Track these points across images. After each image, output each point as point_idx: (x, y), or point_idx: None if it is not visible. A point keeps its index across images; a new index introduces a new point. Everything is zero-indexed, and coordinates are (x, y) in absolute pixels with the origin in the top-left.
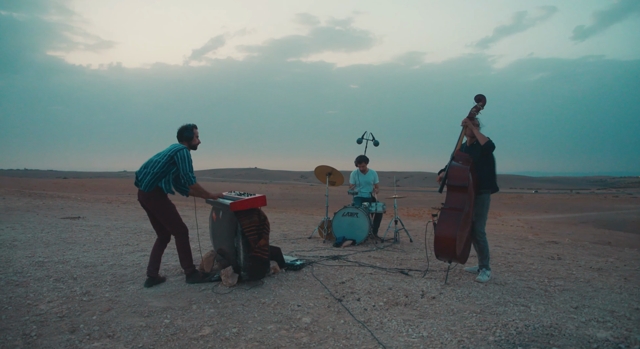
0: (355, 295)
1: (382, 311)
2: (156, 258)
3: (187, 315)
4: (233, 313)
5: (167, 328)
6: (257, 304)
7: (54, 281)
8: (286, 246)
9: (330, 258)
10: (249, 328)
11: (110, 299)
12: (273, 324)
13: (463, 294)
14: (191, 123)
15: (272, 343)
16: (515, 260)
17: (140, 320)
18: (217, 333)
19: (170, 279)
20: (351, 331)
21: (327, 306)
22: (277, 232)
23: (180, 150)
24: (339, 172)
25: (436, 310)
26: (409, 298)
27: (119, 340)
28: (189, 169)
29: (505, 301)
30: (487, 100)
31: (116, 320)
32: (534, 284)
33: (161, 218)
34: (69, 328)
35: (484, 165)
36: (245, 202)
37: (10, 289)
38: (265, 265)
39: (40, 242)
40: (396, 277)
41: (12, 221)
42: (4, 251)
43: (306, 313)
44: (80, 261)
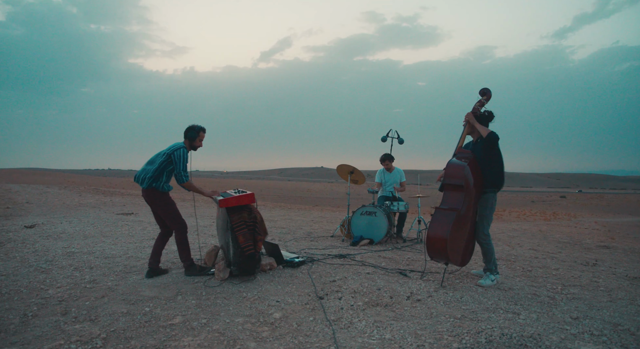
0: (339, 294)
1: (357, 311)
2: (157, 251)
3: (168, 305)
4: (211, 305)
5: (144, 316)
6: (238, 298)
7: (73, 269)
8: (302, 244)
9: (337, 256)
10: (218, 320)
11: (110, 287)
12: (243, 317)
13: (453, 298)
14: (200, 126)
15: (232, 335)
16: (540, 264)
17: (124, 307)
18: (186, 322)
19: (173, 271)
20: (314, 329)
21: (305, 303)
22: (306, 230)
23: (178, 149)
24: (360, 171)
25: (414, 313)
26: (394, 299)
27: (97, 323)
28: (182, 168)
29: (496, 308)
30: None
31: (104, 306)
32: (543, 291)
33: (161, 213)
34: (62, 310)
35: (489, 161)
36: (233, 199)
37: (34, 275)
38: (255, 261)
39: (82, 235)
40: (393, 278)
41: (74, 215)
42: (48, 242)
43: (280, 309)
44: (105, 252)
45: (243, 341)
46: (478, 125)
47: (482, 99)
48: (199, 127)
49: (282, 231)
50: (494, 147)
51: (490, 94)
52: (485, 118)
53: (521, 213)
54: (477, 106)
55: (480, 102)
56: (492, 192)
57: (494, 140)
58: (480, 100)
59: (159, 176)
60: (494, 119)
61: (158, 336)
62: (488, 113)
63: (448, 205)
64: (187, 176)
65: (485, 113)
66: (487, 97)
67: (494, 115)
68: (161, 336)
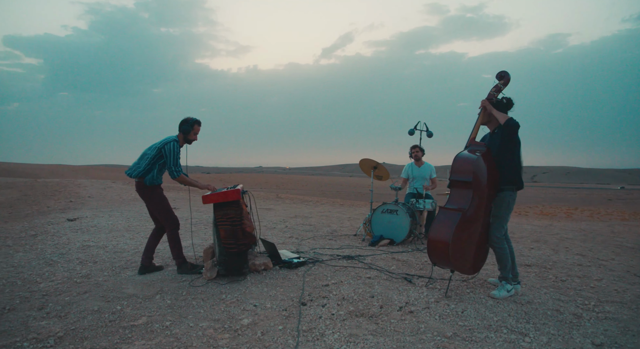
0: (325, 300)
1: (335, 322)
2: (150, 247)
3: (141, 304)
4: (184, 306)
5: (112, 314)
6: (215, 300)
7: (78, 263)
8: (319, 242)
9: (344, 257)
10: (182, 324)
11: (98, 283)
12: (209, 322)
13: (453, 312)
14: (195, 118)
15: (187, 341)
16: (580, 273)
17: (98, 304)
18: (148, 324)
19: (169, 269)
20: (277, 340)
21: (284, 309)
22: (333, 227)
23: (169, 143)
24: (383, 167)
25: (399, 327)
26: (383, 309)
27: (63, 320)
28: (173, 163)
29: (501, 326)
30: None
31: (80, 302)
32: (570, 306)
33: (152, 208)
34: (40, 305)
35: (506, 154)
36: (216, 195)
37: (39, 267)
38: (241, 260)
39: (109, 229)
40: (395, 284)
41: (120, 210)
42: (74, 235)
43: (253, 315)
44: (117, 247)
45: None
46: (495, 112)
47: (499, 84)
48: (193, 119)
49: (307, 228)
50: (513, 135)
51: (508, 78)
52: (503, 105)
53: (595, 211)
54: (493, 91)
55: (496, 87)
56: (510, 190)
57: (514, 127)
58: (497, 84)
59: (150, 170)
60: (514, 107)
61: (113, 338)
62: (507, 101)
63: (453, 204)
64: (179, 170)
65: (503, 100)
66: (504, 82)
67: (513, 103)
68: (116, 337)
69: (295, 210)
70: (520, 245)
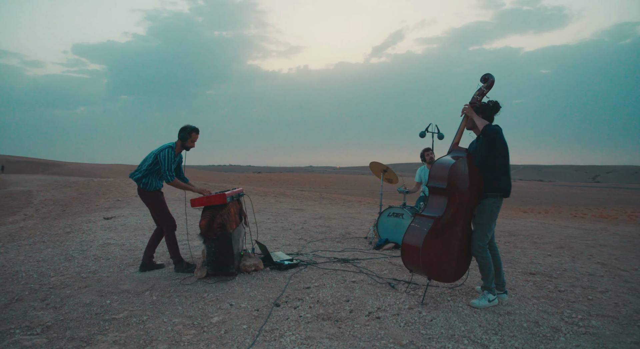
0: (299, 302)
1: (300, 324)
2: (151, 246)
3: (129, 299)
4: (166, 302)
5: (100, 308)
6: (196, 298)
7: (92, 259)
8: (325, 244)
9: (339, 260)
10: (157, 319)
11: (100, 278)
12: (182, 318)
13: (422, 319)
14: (192, 126)
15: (154, 335)
16: (585, 284)
17: (92, 298)
18: (127, 318)
19: (170, 267)
20: (236, 339)
21: (256, 309)
22: (348, 230)
23: (164, 150)
24: (392, 171)
25: (359, 333)
26: (353, 313)
27: (57, 311)
28: (166, 168)
29: (464, 336)
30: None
31: (78, 296)
32: (552, 320)
33: (150, 210)
34: (43, 297)
35: (489, 161)
36: (202, 199)
37: (58, 262)
38: (228, 261)
39: (133, 228)
40: (377, 288)
41: None
42: (102, 233)
43: (226, 313)
44: (133, 245)
45: (158, 343)
46: (476, 118)
47: (482, 87)
48: (190, 127)
49: (323, 230)
50: (493, 142)
51: (492, 81)
52: (489, 109)
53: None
54: (477, 95)
55: (480, 91)
56: (494, 197)
57: (491, 133)
58: (481, 88)
59: (148, 175)
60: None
61: (92, 329)
62: (493, 104)
63: (428, 210)
64: (173, 175)
65: (489, 103)
66: (487, 85)
67: (500, 106)
68: (95, 329)
69: (324, 211)
70: (539, 251)
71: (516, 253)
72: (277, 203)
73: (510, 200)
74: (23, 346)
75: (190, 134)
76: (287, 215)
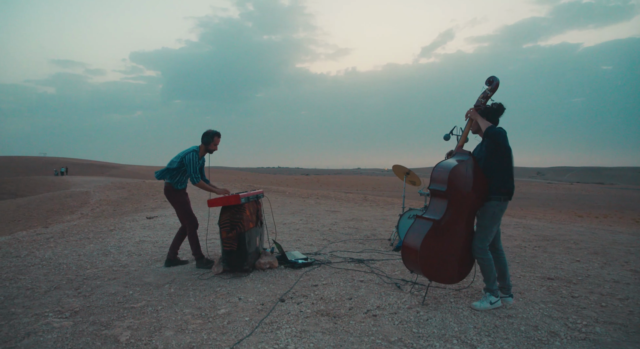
0: (303, 299)
1: (299, 318)
2: (175, 244)
3: (149, 291)
4: (182, 295)
5: (123, 297)
6: (209, 292)
7: (126, 255)
8: (347, 245)
9: (353, 260)
10: (170, 309)
11: (128, 271)
12: (192, 309)
13: (418, 319)
14: (214, 131)
15: (164, 322)
16: (606, 291)
17: (118, 288)
18: (144, 307)
19: (193, 263)
20: (236, 329)
21: (262, 303)
22: (375, 231)
23: (189, 153)
24: (415, 174)
25: (353, 329)
26: (352, 310)
27: (86, 299)
28: (193, 171)
29: (455, 336)
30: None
31: (106, 286)
32: (553, 325)
33: (175, 209)
34: (76, 286)
35: (492, 163)
36: (218, 200)
37: (96, 256)
38: (240, 258)
39: (170, 227)
40: (382, 288)
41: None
42: (141, 232)
43: (233, 306)
44: (165, 243)
45: (165, 329)
46: (480, 120)
47: (487, 90)
48: (213, 132)
49: (349, 231)
50: (496, 144)
51: (497, 83)
52: (493, 111)
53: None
54: (481, 98)
55: (484, 94)
56: (497, 200)
57: (493, 135)
58: (485, 91)
59: (175, 176)
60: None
61: (112, 315)
62: (497, 106)
63: (428, 213)
64: (199, 177)
65: (493, 106)
66: (492, 87)
67: (504, 108)
68: (115, 315)
69: (360, 213)
70: (569, 256)
71: (542, 258)
72: (316, 205)
73: (565, 204)
74: (53, 327)
75: (213, 138)
76: (321, 216)
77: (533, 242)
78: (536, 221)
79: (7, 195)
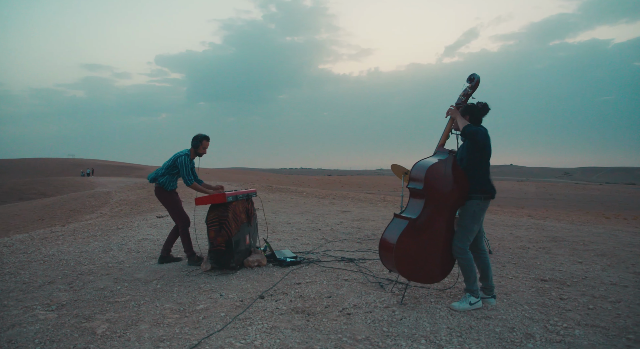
0: (283, 296)
1: (274, 315)
2: (169, 241)
3: (136, 286)
4: (166, 291)
5: (110, 292)
6: (193, 288)
7: (125, 252)
8: (342, 245)
9: (346, 259)
10: (152, 304)
11: (122, 268)
12: (173, 304)
13: (391, 318)
14: (203, 135)
15: (143, 316)
16: (599, 294)
17: (107, 284)
18: (128, 301)
19: (185, 261)
20: (208, 324)
21: (241, 300)
22: (376, 232)
23: (181, 156)
24: None
25: (321, 326)
26: (328, 308)
27: (75, 293)
28: (186, 173)
29: (424, 337)
30: None
31: (97, 281)
32: (532, 327)
33: (167, 209)
34: (70, 281)
35: (472, 162)
36: (205, 198)
37: (96, 253)
38: (227, 256)
39: None
40: (365, 287)
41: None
42: (145, 230)
43: (213, 302)
44: None
45: (142, 323)
46: (459, 118)
47: (467, 88)
48: (201, 136)
49: (351, 231)
50: (474, 142)
51: (477, 81)
52: (477, 111)
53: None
54: (462, 96)
55: (464, 92)
56: (478, 199)
57: (469, 134)
58: (465, 89)
59: (166, 175)
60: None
61: (96, 308)
62: (482, 106)
63: (406, 212)
64: (192, 179)
65: (478, 104)
66: (472, 85)
67: (489, 108)
68: (98, 308)
69: (369, 214)
70: (573, 257)
71: (542, 259)
72: (329, 206)
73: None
74: (38, 319)
75: (202, 141)
76: (329, 216)
77: (539, 243)
78: (555, 223)
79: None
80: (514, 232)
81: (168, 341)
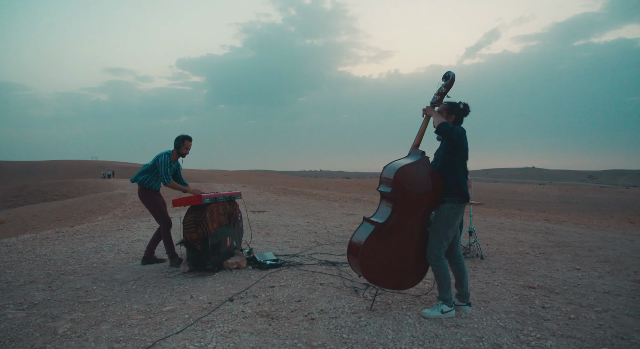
0: (252, 299)
1: (238, 318)
2: (152, 242)
3: (112, 287)
4: (140, 291)
5: (85, 292)
6: (167, 289)
7: (115, 253)
8: (336, 247)
9: (328, 263)
10: (121, 304)
11: (104, 269)
12: (141, 305)
13: (355, 325)
14: (185, 135)
15: (108, 317)
16: (587, 302)
17: (84, 284)
18: (99, 302)
19: (167, 262)
20: (169, 326)
21: (209, 302)
22: None
23: (161, 156)
24: None
25: (281, 331)
26: (293, 313)
27: (50, 293)
28: (163, 172)
29: (382, 344)
30: None
31: (76, 281)
32: (502, 337)
33: (149, 210)
34: (50, 281)
35: (446, 163)
36: (182, 200)
37: (87, 254)
38: (202, 258)
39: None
40: (338, 292)
41: None
42: (142, 232)
43: (182, 303)
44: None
45: (104, 323)
46: (435, 116)
47: (442, 86)
48: (183, 136)
49: (347, 234)
50: (449, 140)
51: (452, 79)
52: (460, 111)
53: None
54: (436, 95)
55: (439, 90)
56: (452, 202)
57: (446, 132)
58: (440, 87)
59: (147, 174)
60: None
61: (65, 308)
62: (464, 106)
63: (374, 216)
64: (169, 178)
65: (460, 104)
66: (447, 83)
67: (469, 109)
68: (68, 308)
69: None
70: (571, 264)
71: (538, 265)
72: (338, 208)
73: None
74: (7, 318)
75: (183, 142)
76: (331, 219)
77: (541, 248)
78: (570, 227)
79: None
80: (518, 236)
81: (124, 342)
